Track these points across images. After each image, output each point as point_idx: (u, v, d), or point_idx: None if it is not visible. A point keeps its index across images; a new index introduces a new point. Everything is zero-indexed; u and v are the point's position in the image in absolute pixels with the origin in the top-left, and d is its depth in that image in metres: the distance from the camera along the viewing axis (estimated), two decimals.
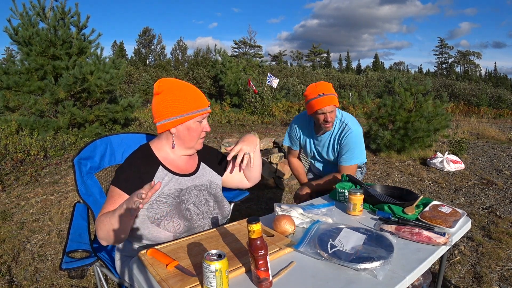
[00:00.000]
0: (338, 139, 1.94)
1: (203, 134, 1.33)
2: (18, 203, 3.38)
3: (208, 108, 1.32)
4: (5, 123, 5.94)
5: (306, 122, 2.08)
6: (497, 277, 2.18)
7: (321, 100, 1.78)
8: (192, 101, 1.26)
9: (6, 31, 5.97)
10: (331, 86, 1.86)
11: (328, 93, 1.79)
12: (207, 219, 1.28)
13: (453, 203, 3.58)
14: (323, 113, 1.83)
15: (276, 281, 0.91)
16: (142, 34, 46.71)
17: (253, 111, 11.11)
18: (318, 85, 1.84)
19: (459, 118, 11.52)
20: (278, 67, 33.21)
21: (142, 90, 17.36)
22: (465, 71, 56.38)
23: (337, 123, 1.95)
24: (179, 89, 1.27)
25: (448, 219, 1.27)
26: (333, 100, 1.81)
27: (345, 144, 1.90)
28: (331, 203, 1.44)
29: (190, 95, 1.27)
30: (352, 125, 1.91)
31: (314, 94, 1.80)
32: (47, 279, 2.16)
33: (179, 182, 1.30)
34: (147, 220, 1.19)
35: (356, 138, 1.90)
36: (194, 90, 1.31)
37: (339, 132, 1.93)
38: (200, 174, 1.39)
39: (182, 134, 1.29)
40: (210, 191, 1.37)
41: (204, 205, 1.30)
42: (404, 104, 5.21)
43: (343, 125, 1.93)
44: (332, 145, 1.99)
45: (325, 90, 1.80)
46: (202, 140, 1.36)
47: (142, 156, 1.29)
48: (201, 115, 1.28)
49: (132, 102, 6.90)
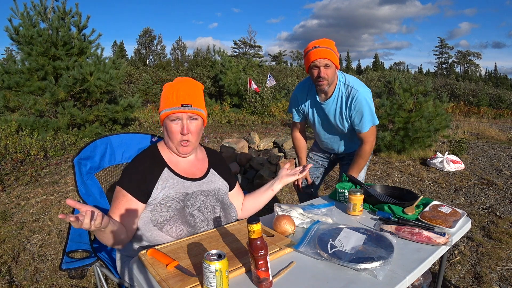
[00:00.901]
0: (346, 103, 1.80)
1: (180, 136, 1.22)
2: (18, 203, 3.38)
3: (182, 107, 1.19)
4: (5, 123, 5.94)
5: (307, 88, 1.94)
6: (497, 277, 2.18)
7: (315, 51, 1.66)
8: (168, 98, 1.22)
9: (6, 30, 5.96)
10: (332, 43, 1.71)
11: (324, 46, 1.66)
12: (211, 226, 1.25)
13: (453, 203, 3.58)
14: (316, 66, 1.70)
15: (276, 281, 0.91)
16: (142, 35, 46.74)
17: (253, 111, 11.11)
18: (319, 39, 1.71)
19: (459, 118, 11.53)
20: (278, 67, 33.21)
21: (142, 90, 17.34)
22: (465, 71, 56.39)
23: (340, 86, 1.81)
24: (171, 85, 1.26)
25: (448, 219, 1.27)
26: (328, 53, 1.66)
27: (357, 110, 1.78)
28: (331, 203, 1.44)
29: (169, 92, 1.24)
30: (358, 87, 1.78)
31: (310, 46, 1.69)
32: (47, 279, 2.16)
33: (185, 186, 1.26)
34: (150, 223, 1.18)
35: (365, 100, 1.77)
36: (178, 87, 1.24)
37: (346, 95, 1.80)
38: (209, 180, 1.34)
39: (164, 133, 1.28)
40: (218, 197, 1.32)
41: (210, 212, 1.26)
42: (404, 105, 5.21)
43: (348, 89, 1.79)
44: (340, 110, 1.83)
45: (322, 43, 1.68)
46: (184, 144, 1.24)
47: (148, 156, 1.28)
48: (172, 113, 1.20)
49: (132, 102, 6.89)
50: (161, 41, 48.44)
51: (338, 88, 1.82)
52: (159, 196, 1.21)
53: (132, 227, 1.18)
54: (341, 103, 1.82)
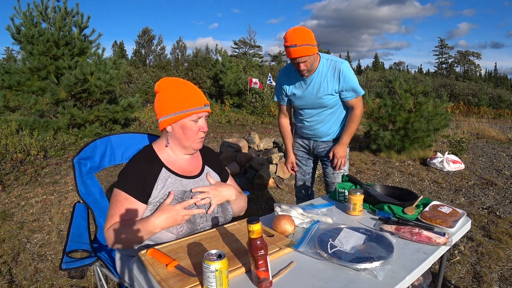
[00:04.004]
0: (333, 75, 1.91)
1: (200, 134, 1.30)
2: (18, 203, 3.38)
3: (205, 107, 1.28)
4: (5, 123, 5.94)
5: (290, 71, 2.03)
6: (497, 277, 2.18)
7: (294, 50, 1.75)
8: (187, 99, 1.24)
9: (8, 29, 5.96)
10: (307, 35, 1.76)
11: (301, 44, 1.73)
12: (209, 222, 1.28)
13: (453, 203, 3.58)
14: (296, 62, 1.81)
15: (276, 281, 0.91)
16: (141, 35, 46.70)
17: (253, 111, 11.11)
18: (295, 31, 1.75)
19: (459, 118, 11.53)
20: (278, 67, 33.18)
21: (142, 90, 17.34)
22: (465, 71, 56.35)
23: (323, 61, 1.92)
24: (175, 87, 1.26)
25: (448, 219, 1.27)
26: (306, 51, 1.75)
27: (344, 77, 1.90)
28: (331, 203, 1.44)
29: (185, 93, 1.25)
30: (339, 60, 1.93)
31: (288, 42, 1.75)
32: (47, 279, 2.16)
33: (183, 184, 1.28)
34: None
35: (349, 69, 1.92)
36: (191, 88, 1.28)
37: (332, 69, 1.92)
38: (204, 177, 1.37)
39: (177, 133, 1.27)
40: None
41: (208, 208, 1.29)
42: (405, 105, 5.21)
43: (332, 63, 1.92)
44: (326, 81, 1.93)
45: (299, 40, 1.73)
46: (200, 140, 1.33)
47: (145, 157, 1.28)
48: (196, 113, 1.25)
49: (132, 102, 6.90)
50: (161, 41, 48.45)
51: (322, 64, 1.92)
52: (159, 195, 1.23)
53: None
54: (326, 75, 1.93)
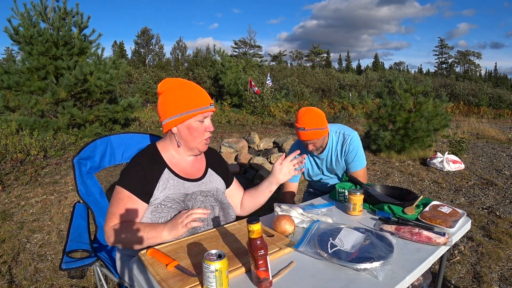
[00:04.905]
0: (342, 148, 1.94)
1: (207, 134, 1.28)
2: (18, 203, 3.38)
3: (210, 106, 1.26)
4: (5, 123, 5.94)
5: (301, 147, 2.05)
6: (497, 277, 2.18)
7: (302, 133, 1.80)
8: (192, 99, 1.23)
9: (6, 31, 5.96)
10: (317, 119, 1.79)
11: (310, 128, 1.77)
12: (211, 226, 1.26)
13: (453, 203, 3.57)
14: (305, 144, 1.87)
15: (276, 281, 0.91)
16: (140, 34, 46.65)
17: (253, 111, 11.11)
18: (305, 114, 1.78)
19: (459, 118, 11.52)
20: (278, 67, 33.16)
21: (142, 90, 17.34)
22: (465, 71, 56.32)
23: (333, 136, 1.96)
24: (179, 88, 1.24)
25: (448, 219, 1.27)
26: (314, 135, 1.79)
27: (351, 151, 1.91)
28: (331, 203, 1.44)
29: (190, 93, 1.24)
30: (349, 132, 1.95)
31: (298, 124, 1.80)
32: (47, 279, 2.16)
33: (185, 186, 1.27)
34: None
35: (358, 142, 1.93)
36: (196, 88, 1.27)
37: (341, 142, 1.95)
38: (207, 180, 1.35)
39: (183, 134, 1.25)
40: (216, 197, 1.33)
41: (209, 212, 1.27)
42: (404, 105, 5.21)
43: (340, 136, 1.95)
44: (336, 156, 1.98)
45: (308, 124, 1.77)
46: (206, 142, 1.30)
47: (149, 156, 1.27)
48: (201, 113, 1.24)
49: (132, 102, 6.89)
50: (159, 41, 48.36)
51: (331, 139, 1.96)
52: (160, 197, 1.21)
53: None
54: (336, 149, 1.97)
